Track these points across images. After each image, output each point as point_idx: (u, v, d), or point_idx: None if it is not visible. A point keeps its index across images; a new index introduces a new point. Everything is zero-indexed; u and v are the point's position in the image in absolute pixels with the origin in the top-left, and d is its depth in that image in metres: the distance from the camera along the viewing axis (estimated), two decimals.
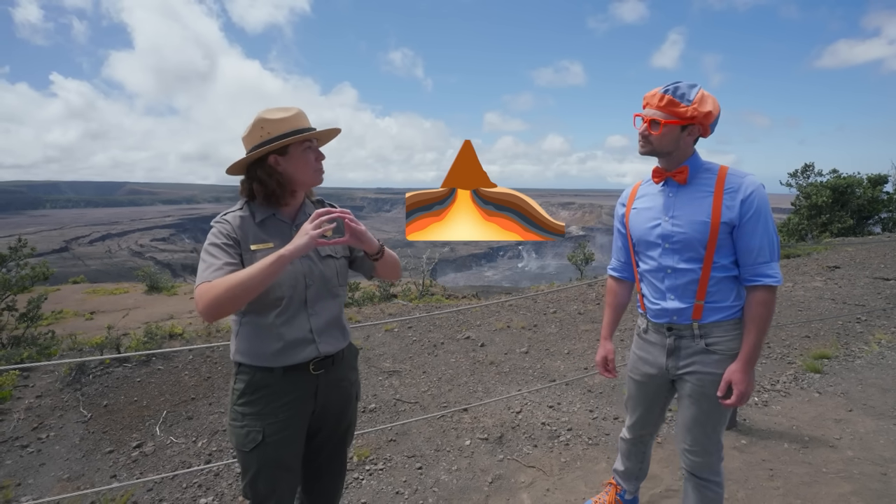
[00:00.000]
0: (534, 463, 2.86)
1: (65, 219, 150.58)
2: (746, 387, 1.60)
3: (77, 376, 4.29)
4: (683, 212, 1.65)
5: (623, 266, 1.98)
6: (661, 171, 1.71)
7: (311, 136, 1.50)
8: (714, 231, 1.60)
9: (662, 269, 1.71)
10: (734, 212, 1.58)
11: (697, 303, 1.66)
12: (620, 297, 2.01)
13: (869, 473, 2.59)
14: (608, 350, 2.01)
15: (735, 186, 1.59)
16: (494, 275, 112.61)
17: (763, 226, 1.58)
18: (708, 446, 1.76)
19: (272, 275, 1.31)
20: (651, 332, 1.83)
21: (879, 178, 13.48)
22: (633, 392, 1.98)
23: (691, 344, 1.71)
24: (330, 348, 1.56)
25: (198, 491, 2.79)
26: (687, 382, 1.74)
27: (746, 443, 2.93)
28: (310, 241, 1.32)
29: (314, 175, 1.53)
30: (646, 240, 1.75)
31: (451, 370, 4.56)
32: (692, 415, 1.75)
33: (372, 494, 2.65)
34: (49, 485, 2.98)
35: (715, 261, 1.63)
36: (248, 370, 1.49)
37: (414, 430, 3.35)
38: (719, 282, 1.65)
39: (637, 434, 2.06)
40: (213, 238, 1.43)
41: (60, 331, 8.00)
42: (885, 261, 7.84)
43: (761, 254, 1.59)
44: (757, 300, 1.61)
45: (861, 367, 4.02)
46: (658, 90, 1.62)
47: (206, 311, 1.29)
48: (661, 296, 1.74)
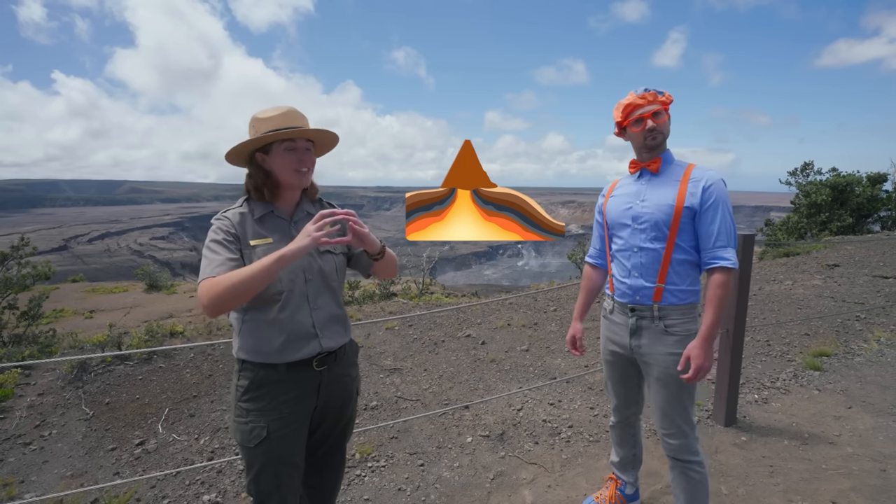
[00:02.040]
0: (535, 460, 2.87)
1: (64, 217, 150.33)
2: (703, 361, 1.73)
3: (79, 374, 4.30)
4: (653, 196, 1.85)
5: (598, 253, 2.15)
6: (636, 163, 1.92)
7: (288, 136, 1.48)
8: (677, 213, 1.78)
9: (630, 248, 1.88)
10: (696, 198, 1.77)
11: (658, 285, 1.83)
12: (594, 282, 2.19)
13: (868, 470, 2.61)
14: (577, 329, 2.19)
15: (699, 177, 1.80)
16: (494, 273, 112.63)
17: (721, 214, 1.76)
18: (682, 426, 1.88)
19: (273, 273, 1.34)
20: (616, 312, 1.98)
21: (879, 176, 13.48)
22: (608, 373, 2.13)
23: (651, 325, 1.86)
24: (332, 343, 1.57)
25: (200, 488, 2.80)
26: (652, 366, 1.88)
27: (746, 440, 2.95)
28: (311, 242, 1.33)
29: (293, 174, 1.52)
30: (619, 221, 1.93)
31: (452, 368, 4.57)
32: (663, 397, 1.88)
33: (374, 491, 2.66)
34: (52, 482, 2.99)
35: (677, 242, 1.80)
36: (251, 367, 1.49)
37: (415, 427, 3.36)
38: (679, 264, 1.81)
39: (622, 416, 2.19)
40: (214, 234, 1.46)
41: (60, 329, 8.01)
42: (885, 259, 7.85)
43: (719, 238, 1.76)
44: (715, 282, 1.76)
45: (860, 364, 4.03)
46: (637, 92, 1.83)
47: (209, 307, 1.33)
48: (626, 273, 1.90)
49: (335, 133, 1.59)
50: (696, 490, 1.91)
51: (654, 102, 1.81)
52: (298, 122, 1.52)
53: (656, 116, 1.81)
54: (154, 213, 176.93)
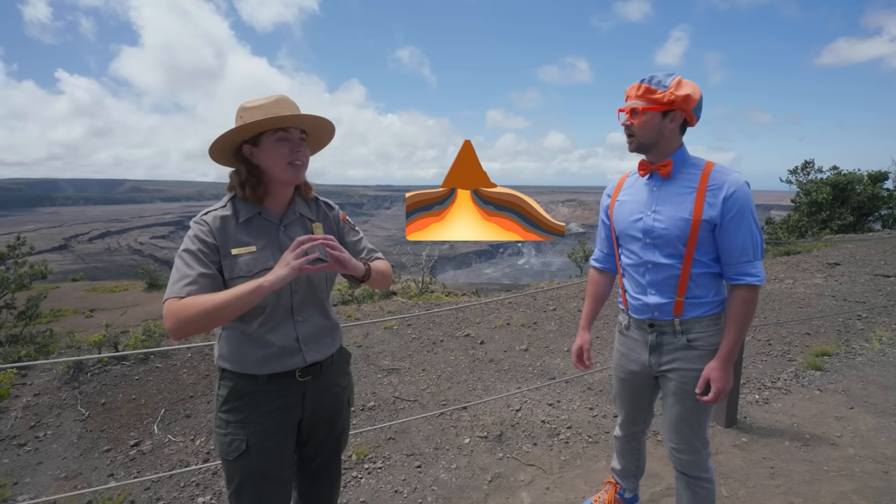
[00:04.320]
0: (533, 461, 2.84)
1: (65, 216, 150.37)
2: (724, 384, 1.60)
3: (75, 374, 4.27)
4: (666, 207, 1.64)
5: (605, 257, 1.97)
6: (646, 164, 1.70)
7: (282, 123, 1.35)
8: (695, 229, 1.58)
9: (643, 264, 1.70)
10: (716, 209, 1.55)
11: (678, 298, 1.66)
12: (601, 289, 2.01)
13: (870, 471, 2.57)
14: (585, 340, 1.99)
15: (718, 184, 1.56)
16: (495, 272, 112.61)
17: (746, 225, 1.56)
18: (695, 443, 1.76)
19: (248, 304, 1.25)
20: (633, 328, 1.82)
21: (880, 174, 13.43)
22: (619, 390, 1.98)
23: (673, 340, 1.70)
24: (318, 356, 1.48)
25: (195, 490, 2.77)
26: (671, 380, 1.73)
27: (747, 441, 2.91)
28: (291, 272, 1.25)
29: (287, 170, 1.38)
30: (628, 233, 1.74)
31: (451, 368, 4.55)
32: (678, 412, 1.75)
33: (371, 493, 2.64)
34: (46, 484, 2.97)
35: (695, 258, 1.62)
36: (231, 376, 1.41)
37: (413, 428, 3.33)
38: (699, 277, 1.64)
39: (629, 431, 2.07)
40: (189, 243, 1.34)
41: (60, 328, 8.00)
42: (886, 257, 7.82)
43: (744, 253, 1.57)
44: (739, 299, 1.60)
45: (862, 364, 4.00)
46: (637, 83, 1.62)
47: (173, 332, 1.24)
48: (642, 290, 1.73)
49: (331, 122, 1.46)
50: None
51: (641, 97, 1.58)
52: (291, 111, 1.38)
53: (633, 115, 1.59)
54: (155, 212, 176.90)
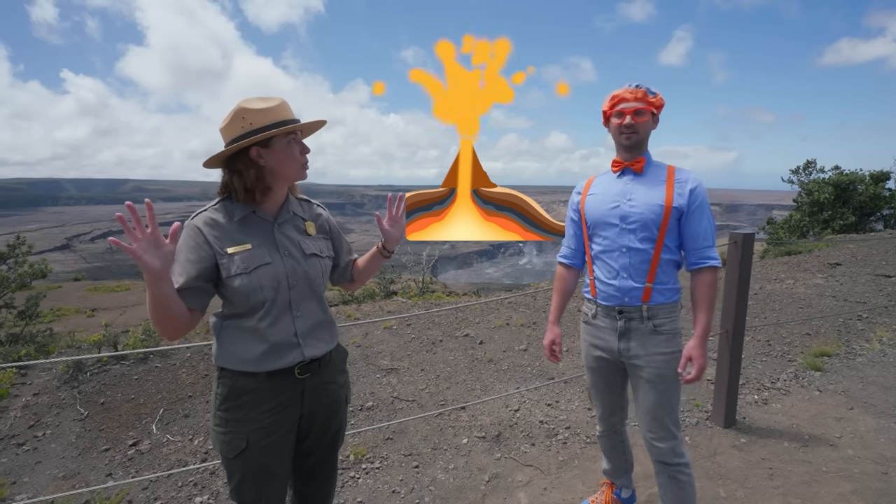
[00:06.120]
0: (531, 462, 2.84)
1: (67, 216, 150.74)
2: (704, 361, 1.75)
3: (74, 374, 4.28)
4: (640, 196, 1.82)
5: (573, 253, 2.08)
6: (620, 162, 1.88)
7: (296, 129, 1.40)
8: (667, 213, 1.77)
9: (618, 248, 1.84)
10: (684, 199, 1.78)
11: (647, 285, 1.80)
12: (568, 284, 2.12)
13: (870, 472, 2.56)
14: (556, 334, 2.09)
15: (684, 178, 1.80)
16: (496, 272, 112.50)
17: (707, 214, 1.80)
18: (672, 428, 1.85)
19: (155, 296, 1.21)
20: (600, 316, 1.92)
21: (881, 174, 13.40)
22: (592, 380, 2.08)
23: (640, 326, 1.83)
24: (316, 351, 1.49)
25: (193, 490, 2.77)
26: (642, 368, 1.84)
27: (746, 441, 2.91)
28: (162, 269, 1.20)
29: (299, 169, 1.45)
30: (604, 220, 1.87)
31: (450, 368, 4.54)
32: (653, 398, 1.84)
33: (368, 493, 2.63)
34: (44, 483, 2.97)
35: (665, 243, 1.79)
36: (230, 374, 1.42)
37: (411, 428, 3.33)
38: (666, 264, 1.81)
39: (608, 424, 2.14)
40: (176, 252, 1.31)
41: (61, 328, 8.01)
42: (887, 258, 7.79)
43: (706, 238, 1.79)
44: (705, 281, 1.78)
45: (862, 364, 3.99)
46: (628, 87, 1.80)
47: (162, 335, 1.33)
48: (614, 275, 1.85)
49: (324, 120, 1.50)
50: (686, 494, 1.88)
51: (641, 100, 1.77)
52: (293, 112, 1.43)
53: (637, 115, 1.77)
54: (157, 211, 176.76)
